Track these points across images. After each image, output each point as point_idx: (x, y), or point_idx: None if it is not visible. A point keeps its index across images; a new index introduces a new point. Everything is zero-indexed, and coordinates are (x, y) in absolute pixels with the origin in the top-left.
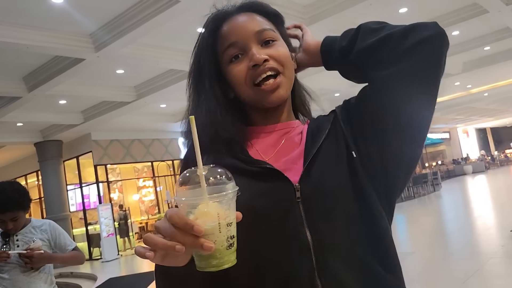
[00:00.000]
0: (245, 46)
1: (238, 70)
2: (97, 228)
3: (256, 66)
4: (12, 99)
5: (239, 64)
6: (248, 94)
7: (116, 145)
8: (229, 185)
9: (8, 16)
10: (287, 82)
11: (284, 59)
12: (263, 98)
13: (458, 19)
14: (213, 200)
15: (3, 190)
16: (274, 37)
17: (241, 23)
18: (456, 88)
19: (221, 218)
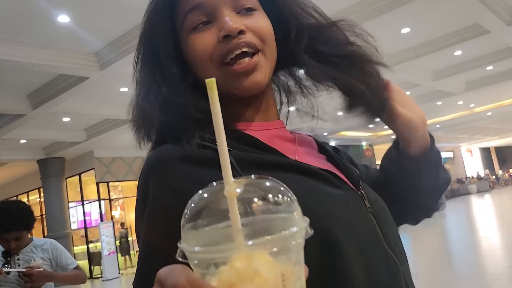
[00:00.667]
0: (215, 10)
1: (202, 42)
2: (98, 246)
3: (228, 37)
4: (16, 117)
5: (205, 33)
6: (208, 73)
7: (118, 163)
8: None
9: (14, 35)
10: (267, 64)
11: (266, 33)
12: (234, 83)
13: (460, 39)
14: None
15: (9, 210)
16: (254, 5)
17: None
18: (459, 107)
19: (288, 281)
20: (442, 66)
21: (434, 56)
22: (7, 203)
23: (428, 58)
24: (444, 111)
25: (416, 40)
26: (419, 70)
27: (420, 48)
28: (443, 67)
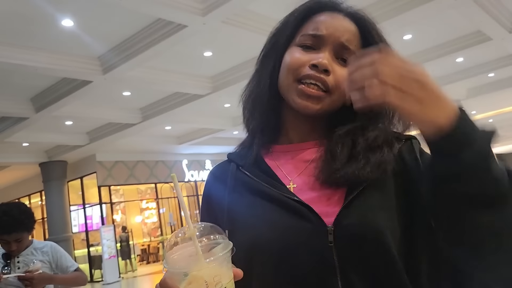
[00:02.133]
0: (323, 44)
1: (298, 57)
2: (99, 249)
3: (315, 67)
4: (19, 120)
5: (304, 53)
6: (287, 84)
7: (120, 167)
8: (218, 248)
9: (18, 39)
10: (329, 104)
11: (343, 84)
12: (296, 97)
13: (462, 46)
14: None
15: (9, 211)
16: None
17: (338, 25)
18: None
19: (210, 284)
20: (443, 73)
21: (435, 63)
22: (8, 205)
23: (430, 64)
24: None
25: (417, 47)
26: None
27: (421, 55)
28: (444, 73)
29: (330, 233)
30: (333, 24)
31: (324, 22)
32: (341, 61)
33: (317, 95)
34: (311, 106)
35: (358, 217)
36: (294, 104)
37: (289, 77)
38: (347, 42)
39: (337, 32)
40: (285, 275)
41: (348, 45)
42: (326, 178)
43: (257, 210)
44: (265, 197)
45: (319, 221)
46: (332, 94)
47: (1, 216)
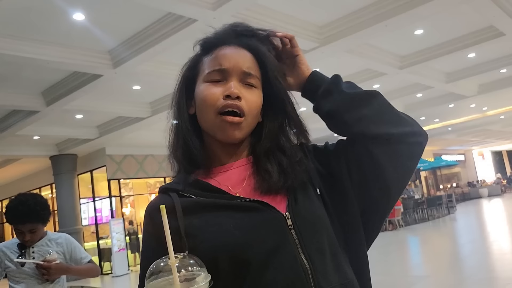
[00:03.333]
0: (229, 75)
1: (212, 92)
2: (108, 242)
3: (228, 97)
4: (30, 113)
5: (216, 87)
6: (210, 119)
7: (129, 160)
8: (199, 278)
9: (30, 33)
10: (246, 128)
11: (254, 108)
12: (222, 128)
13: (474, 42)
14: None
15: (25, 202)
16: (255, 85)
17: (237, 57)
18: (472, 110)
19: None
20: (455, 68)
21: (447, 58)
22: (24, 195)
23: (441, 60)
24: (456, 114)
25: (429, 42)
26: (431, 72)
27: (433, 50)
28: (456, 69)
29: (288, 218)
30: (234, 57)
31: (225, 57)
32: (247, 85)
33: (237, 122)
34: (234, 135)
35: (303, 206)
36: (220, 138)
37: (210, 112)
38: (248, 69)
39: (239, 63)
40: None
41: (250, 72)
42: (267, 189)
43: (216, 220)
44: (219, 208)
45: (276, 211)
46: (247, 117)
47: (16, 205)
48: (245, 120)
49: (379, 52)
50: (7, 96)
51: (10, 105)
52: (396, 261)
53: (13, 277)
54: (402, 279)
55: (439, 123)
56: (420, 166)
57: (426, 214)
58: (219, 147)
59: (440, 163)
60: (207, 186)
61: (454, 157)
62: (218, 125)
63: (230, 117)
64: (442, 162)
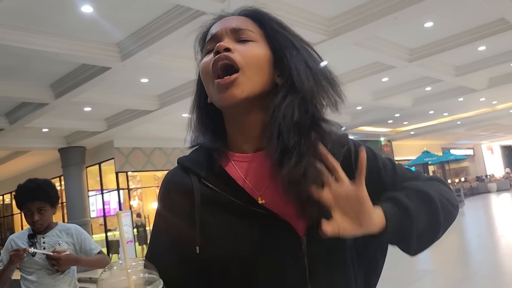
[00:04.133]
0: (220, 39)
1: (205, 62)
2: (116, 234)
3: (216, 53)
4: (39, 106)
5: (208, 56)
6: (211, 91)
7: (137, 153)
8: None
9: (39, 25)
10: (247, 83)
11: (251, 58)
12: (217, 95)
13: (484, 34)
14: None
15: (34, 180)
16: (251, 38)
17: (225, 20)
18: (481, 104)
19: None
20: (465, 61)
21: (457, 51)
22: (34, 178)
23: (451, 53)
24: (465, 108)
25: (439, 35)
26: (441, 65)
27: (443, 43)
28: (466, 62)
29: (304, 243)
30: (222, 22)
31: (215, 26)
32: (242, 41)
33: (231, 79)
34: (232, 93)
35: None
36: (220, 102)
37: (207, 81)
38: (237, 26)
39: (226, 24)
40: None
41: (240, 27)
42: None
43: (232, 226)
44: (238, 213)
45: (293, 232)
46: (244, 69)
47: (26, 184)
48: (242, 74)
49: (388, 45)
50: (16, 89)
51: (20, 97)
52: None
53: (24, 268)
54: (408, 273)
55: (448, 117)
56: (429, 160)
57: None
58: (239, 132)
59: (448, 157)
60: (231, 182)
61: (462, 151)
62: (214, 92)
63: (220, 80)
64: (451, 157)
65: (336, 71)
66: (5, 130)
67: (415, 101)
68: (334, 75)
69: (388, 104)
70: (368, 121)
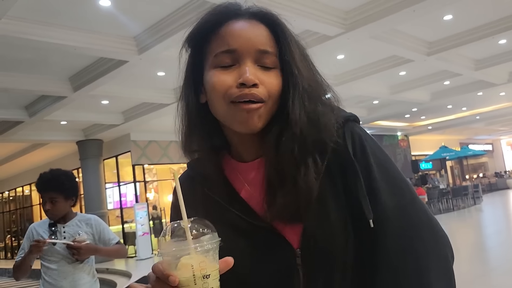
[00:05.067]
0: (240, 58)
1: (222, 80)
2: (133, 226)
3: (243, 85)
4: (58, 99)
5: (227, 74)
6: (223, 110)
7: (154, 146)
8: (205, 237)
9: (57, 19)
10: (266, 114)
11: (274, 91)
12: (239, 118)
13: (505, 27)
14: (187, 252)
15: (53, 171)
16: (273, 65)
17: (248, 32)
18: (501, 99)
19: (196, 270)
20: (484, 55)
21: (476, 45)
22: (58, 169)
23: (471, 46)
24: (485, 102)
25: (458, 28)
26: (460, 59)
27: (462, 36)
28: (485, 56)
29: (298, 256)
30: (243, 33)
31: (232, 34)
32: (263, 67)
33: (256, 108)
34: (255, 123)
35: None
36: (239, 129)
37: (222, 103)
38: (264, 47)
39: (250, 41)
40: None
41: (266, 49)
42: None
43: (232, 241)
44: (239, 228)
45: (287, 245)
46: (268, 102)
47: (45, 173)
48: (265, 105)
49: (406, 38)
50: (35, 82)
51: (39, 90)
52: None
53: (45, 256)
54: None
55: (467, 112)
56: (446, 155)
57: (451, 204)
58: (239, 142)
59: (467, 152)
60: (236, 197)
61: (481, 146)
62: (233, 115)
63: (247, 104)
64: (469, 152)
65: (353, 64)
66: (24, 122)
67: (433, 95)
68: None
69: (405, 98)
70: (385, 116)
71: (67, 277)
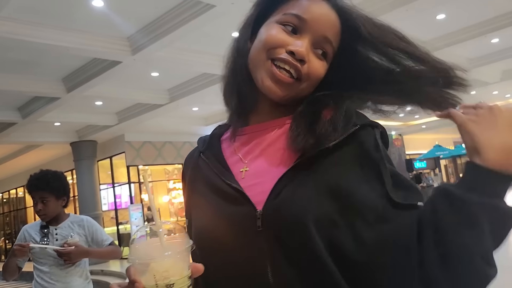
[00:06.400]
0: (305, 30)
1: (277, 36)
2: (127, 227)
3: (291, 54)
4: (52, 100)
5: (284, 34)
6: (260, 59)
7: (148, 147)
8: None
9: (51, 19)
10: (295, 92)
11: (315, 78)
12: (264, 75)
13: (497, 26)
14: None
15: (43, 171)
16: (328, 55)
17: (325, 16)
18: (494, 98)
19: (159, 279)
20: (477, 54)
21: (469, 44)
22: (48, 170)
23: (464, 45)
24: (478, 101)
25: (451, 27)
26: (453, 58)
27: (455, 35)
28: (478, 55)
29: (259, 217)
30: (320, 13)
31: (310, 7)
32: (319, 52)
33: (287, 82)
34: (277, 91)
35: (283, 203)
36: (260, 84)
37: (262, 54)
38: (330, 36)
39: (322, 24)
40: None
41: (330, 39)
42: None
43: (204, 201)
44: (211, 187)
45: (251, 206)
46: (302, 82)
47: (35, 173)
48: (297, 83)
49: None
50: (28, 83)
51: (32, 91)
52: None
53: (37, 259)
54: None
55: None
56: (440, 154)
57: None
58: (262, 99)
59: (460, 151)
60: (219, 156)
61: None
62: (263, 69)
63: (280, 73)
64: (463, 151)
65: None
66: (17, 124)
67: None
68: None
69: None
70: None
71: (59, 279)
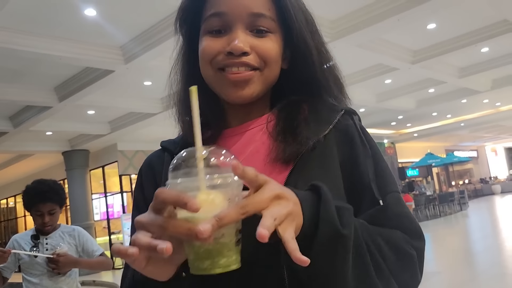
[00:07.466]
0: (231, 24)
1: (210, 46)
2: (120, 237)
3: (231, 54)
4: (43, 109)
5: (215, 40)
6: (210, 75)
7: (141, 156)
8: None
9: (43, 28)
10: (262, 82)
11: (270, 57)
12: (224, 90)
13: (487, 36)
14: (215, 187)
15: (45, 182)
16: (269, 28)
17: None
18: (485, 106)
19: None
20: (468, 63)
21: (460, 53)
22: (41, 179)
23: (454, 54)
24: (469, 109)
25: (442, 36)
26: (444, 67)
27: (446, 45)
28: (469, 64)
29: None
30: None
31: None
32: (258, 32)
33: (248, 77)
34: (243, 94)
35: None
36: (225, 97)
37: (208, 70)
38: (258, 10)
39: (241, 5)
40: None
41: (261, 12)
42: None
43: None
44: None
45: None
46: (262, 70)
47: (36, 185)
48: (258, 72)
49: (391, 47)
50: (20, 92)
51: (23, 100)
52: None
53: (26, 269)
54: None
55: (452, 119)
56: (432, 162)
57: (438, 210)
58: (229, 107)
59: (452, 159)
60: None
61: (466, 153)
62: (219, 83)
63: (233, 74)
64: (454, 158)
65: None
66: (9, 133)
67: (418, 103)
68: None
69: (391, 106)
70: (372, 123)
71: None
